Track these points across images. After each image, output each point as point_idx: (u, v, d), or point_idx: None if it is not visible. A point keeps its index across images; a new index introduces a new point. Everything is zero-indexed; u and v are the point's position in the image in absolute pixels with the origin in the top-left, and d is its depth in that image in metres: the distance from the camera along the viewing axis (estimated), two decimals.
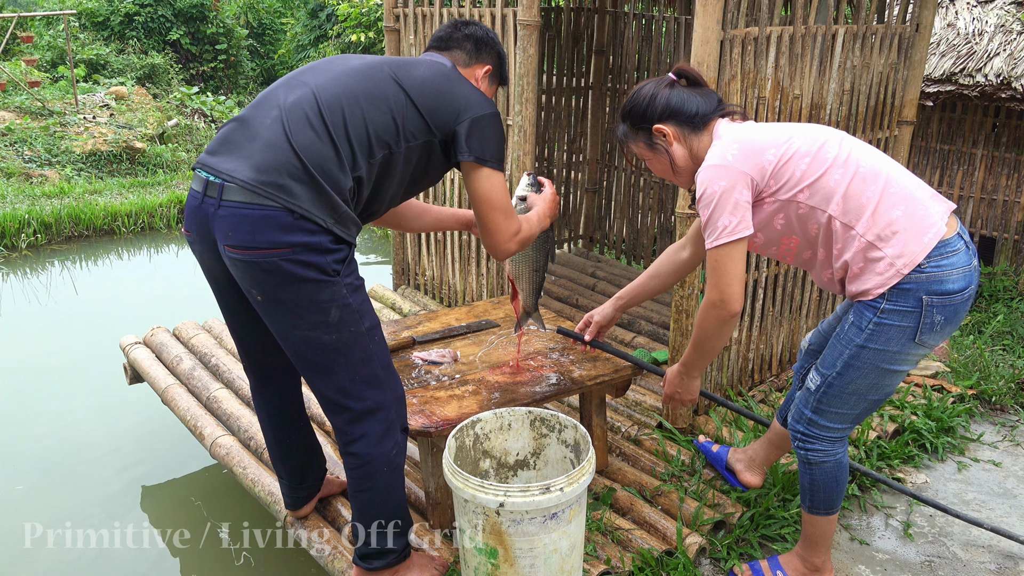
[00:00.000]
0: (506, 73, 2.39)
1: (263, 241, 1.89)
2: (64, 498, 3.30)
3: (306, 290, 1.94)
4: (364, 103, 2.01)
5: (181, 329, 3.92)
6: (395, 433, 2.15)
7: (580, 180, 5.20)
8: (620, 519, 2.61)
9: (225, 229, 1.92)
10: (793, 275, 3.42)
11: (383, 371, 2.11)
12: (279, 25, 16.08)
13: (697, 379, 2.43)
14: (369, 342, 2.07)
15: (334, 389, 2.07)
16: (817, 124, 2.15)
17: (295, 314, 1.98)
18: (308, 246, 1.91)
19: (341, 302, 1.99)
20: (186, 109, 11.24)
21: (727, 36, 2.78)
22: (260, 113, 2.00)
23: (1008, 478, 3.09)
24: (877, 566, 2.60)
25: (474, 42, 2.28)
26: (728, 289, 2.08)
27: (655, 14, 4.62)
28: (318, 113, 1.96)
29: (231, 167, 1.92)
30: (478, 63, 2.29)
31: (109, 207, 7.08)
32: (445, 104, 2.09)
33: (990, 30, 4.87)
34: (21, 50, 12.20)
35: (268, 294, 1.96)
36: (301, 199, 1.89)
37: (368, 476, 2.13)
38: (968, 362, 3.82)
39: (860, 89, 3.37)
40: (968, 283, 2.05)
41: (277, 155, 1.91)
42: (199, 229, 2.00)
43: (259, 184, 1.88)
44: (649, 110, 2.17)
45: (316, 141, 1.94)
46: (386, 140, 2.03)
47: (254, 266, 1.92)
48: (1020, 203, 5.11)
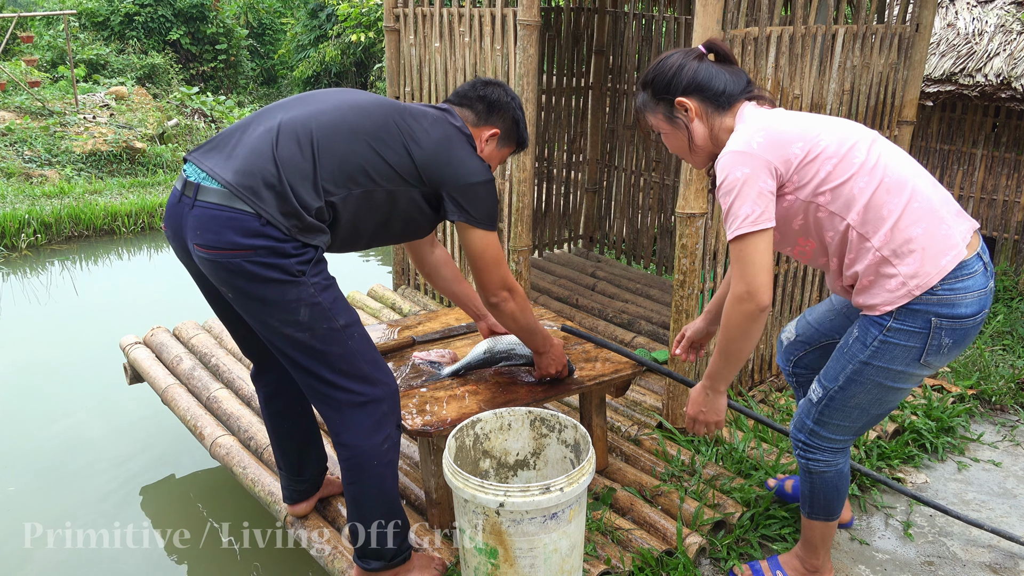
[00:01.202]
0: (523, 137, 2.40)
1: (226, 242, 1.94)
2: (64, 498, 3.30)
3: (271, 289, 1.98)
4: (358, 138, 2.05)
5: (181, 329, 3.92)
6: (386, 428, 2.15)
7: (580, 180, 5.20)
8: (620, 519, 2.61)
9: (195, 228, 1.97)
10: (793, 275, 3.42)
11: (368, 366, 2.12)
12: (279, 25, 16.08)
13: (723, 395, 2.18)
14: (347, 339, 2.08)
15: (317, 382, 2.10)
16: (848, 121, 2.05)
17: (265, 312, 2.01)
18: (271, 249, 1.95)
19: (309, 301, 2.01)
20: (186, 109, 11.24)
21: (727, 36, 2.78)
22: (256, 123, 2.06)
23: (1008, 478, 3.09)
24: (877, 566, 2.60)
25: (487, 104, 2.29)
26: (755, 280, 1.91)
27: (655, 14, 4.62)
28: (309, 134, 2.02)
29: (213, 164, 1.99)
30: (486, 125, 2.30)
31: (109, 207, 7.08)
32: (440, 164, 2.12)
33: (990, 30, 4.87)
34: (21, 50, 12.20)
35: (236, 292, 2.01)
36: (269, 205, 1.94)
37: (357, 468, 2.15)
38: (968, 362, 3.82)
39: (860, 89, 3.37)
40: (981, 307, 1.96)
41: (258, 161, 1.97)
42: (173, 226, 2.07)
43: (235, 185, 1.94)
44: (674, 81, 2.03)
45: (297, 157, 1.99)
46: (372, 177, 2.06)
47: (219, 265, 1.97)
48: (1020, 203, 5.11)
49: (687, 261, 2.94)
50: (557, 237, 5.19)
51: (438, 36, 3.85)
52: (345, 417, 2.11)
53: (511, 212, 3.61)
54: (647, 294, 4.46)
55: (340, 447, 2.15)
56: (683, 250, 2.94)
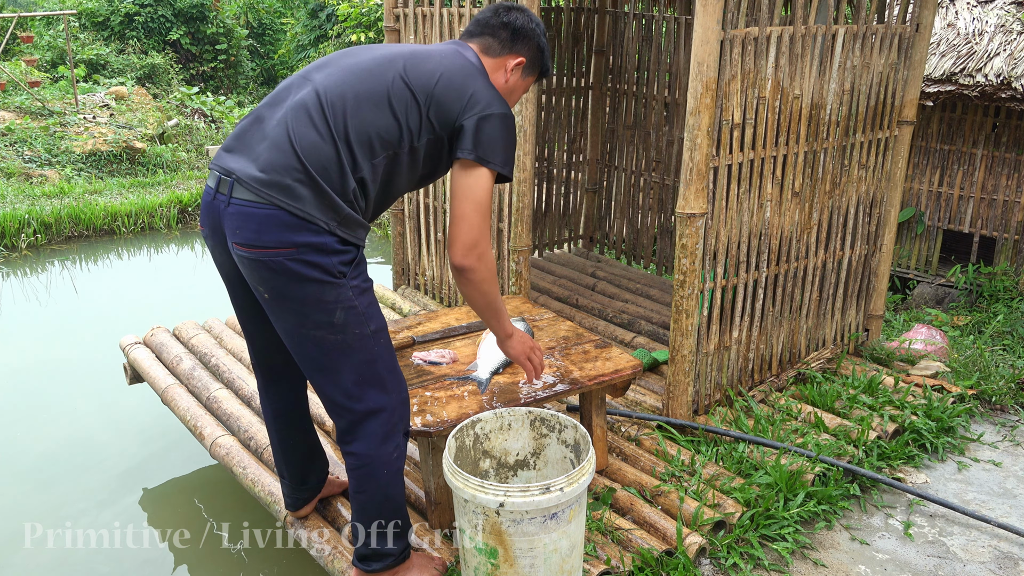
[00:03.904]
0: (547, 65, 2.27)
1: (268, 240, 1.90)
2: (64, 498, 3.30)
3: (311, 290, 1.94)
4: (367, 104, 1.99)
5: (181, 329, 3.92)
6: (396, 436, 2.14)
7: (580, 180, 5.20)
8: (620, 519, 2.61)
9: (233, 226, 1.94)
10: (793, 275, 3.42)
11: (387, 374, 2.10)
12: (279, 25, 16.08)
13: None
14: (374, 344, 2.06)
15: (336, 390, 2.07)
16: None
17: (300, 313, 1.98)
18: (313, 246, 1.92)
19: (347, 304, 1.98)
20: (186, 109, 11.24)
21: (727, 36, 2.78)
22: (271, 112, 2.01)
23: (1008, 478, 3.09)
24: (877, 566, 2.60)
25: (511, 31, 2.17)
26: None
27: (655, 14, 4.62)
28: (321, 113, 1.96)
29: (238, 166, 1.95)
30: (511, 53, 2.18)
31: (109, 207, 7.09)
32: (451, 100, 2.02)
33: (990, 30, 4.87)
34: (21, 50, 12.19)
35: (274, 292, 1.97)
36: (304, 201, 1.90)
37: (367, 477, 2.13)
38: (968, 362, 3.82)
39: (860, 89, 3.37)
40: None
41: (281, 157, 1.92)
42: (211, 224, 2.03)
43: (262, 185, 1.90)
44: None
45: (319, 142, 1.93)
46: (389, 141, 2.01)
47: (260, 264, 1.93)
48: (1020, 203, 5.11)
49: (687, 261, 2.94)
50: (557, 237, 5.19)
51: (438, 36, 3.84)
52: (357, 426, 2.09)
53: (511, 212, 3.61)
54: (647, 294, 4.46)
55: (349, 456, 2.13)
56: (683, 250, 2.94)
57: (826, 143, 3.31)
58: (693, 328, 3.02)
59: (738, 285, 3.18)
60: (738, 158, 2.99)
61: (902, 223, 5.68)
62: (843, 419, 3.23)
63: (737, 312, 3.22)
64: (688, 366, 3.06)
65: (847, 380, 3.52)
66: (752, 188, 3.10)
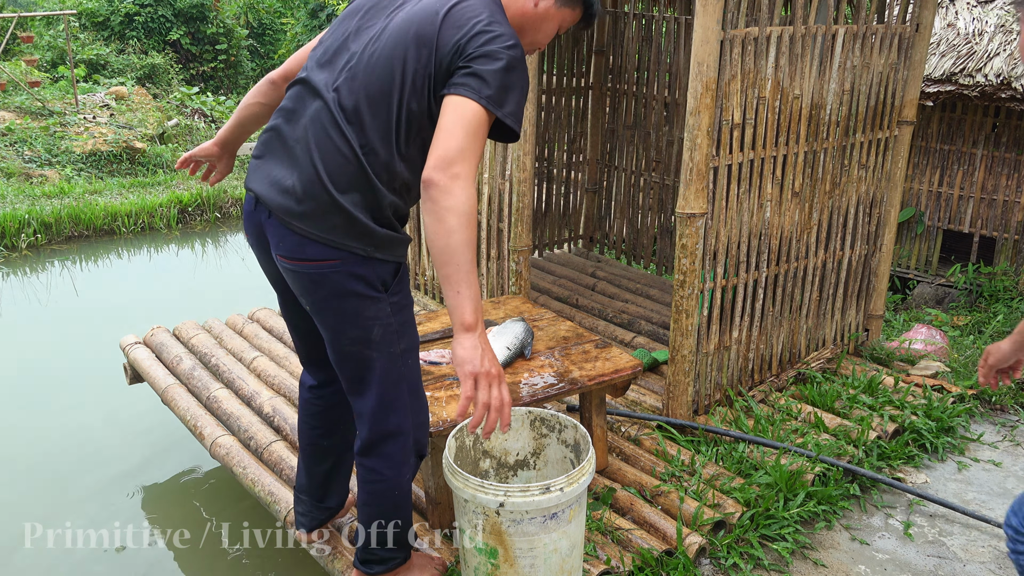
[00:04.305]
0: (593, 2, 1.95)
1: (312, 253, 1.87)
2: (64, 498, 3.30)
3: (352, 304, 1.91)
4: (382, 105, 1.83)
5: (181, 329, 3.92)
6: (410, 458, 2.12)
7: (580, 180, 5.20)
8: (620, 519, 2.61)
9: (275, 238, 1.92)
10: (793, 275, 3.42)
11: (410, 395, 2.07)
12: (279, 25, 16.07)
13: None
14: (402, 365, 2.02)
15: (365, 404, 2.04)
16: None
17: (339, 327, 1.95)
18: (357, 258, 1.88)
19: (384, 320, 1.95)
20: (186, 109, 11.24)
21: (727, 36, 2.78)
22: (293, 119, 1.92)
23: (1008, 478, 3.09)
24: (877, 566, 2.60)
25: None
26: None
27: (655, 14, 4.62)
28: (339, 130, 1.84)
29: (265, 191, 1.89)
30: None
31: (109, 207, 7.08)
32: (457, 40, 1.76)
33: (990, 30, 4.87)
34: (21, 50, 12.19)
35: (315, 305, 1.95)
36: (337, 231, 1.84)
37: (379, 494, 2.11)
38: (968, 362, 3.82)
39: (860, 89, 3.37)
40: None
41: (309, 185, 1.85)
42: (255, 233, 2.01)
43: (294, 219, 1.85)
44: None
45: (344, 165, 1.83)
46: (417, 125, 1.85)
47: (303, 276, 1.91)
48: (1020, 203, 5.11)
49: (687, 261, 2.94)
50: (557, 237, 5.19)
51: None
52: (376, 445, 2.06)
53: (511, 212, 3.61)
54: (647, 294, 4.46)
55: (364, 469, 2.10)
56: (683, 250, 2.94)
57: (826, 143, 3.31)
58: (693, 328, 3.02)
59: (738, 285, 3.18)
60: (738, 158, 2.99)
61: (902, 223, 5.68)
62: (843, 419, 3.23)
63: (737, 312, 3.22)
64: (688, 366, 3.06)
65: (847, 380, 3.52)
66: (752, 188, 3.10)
